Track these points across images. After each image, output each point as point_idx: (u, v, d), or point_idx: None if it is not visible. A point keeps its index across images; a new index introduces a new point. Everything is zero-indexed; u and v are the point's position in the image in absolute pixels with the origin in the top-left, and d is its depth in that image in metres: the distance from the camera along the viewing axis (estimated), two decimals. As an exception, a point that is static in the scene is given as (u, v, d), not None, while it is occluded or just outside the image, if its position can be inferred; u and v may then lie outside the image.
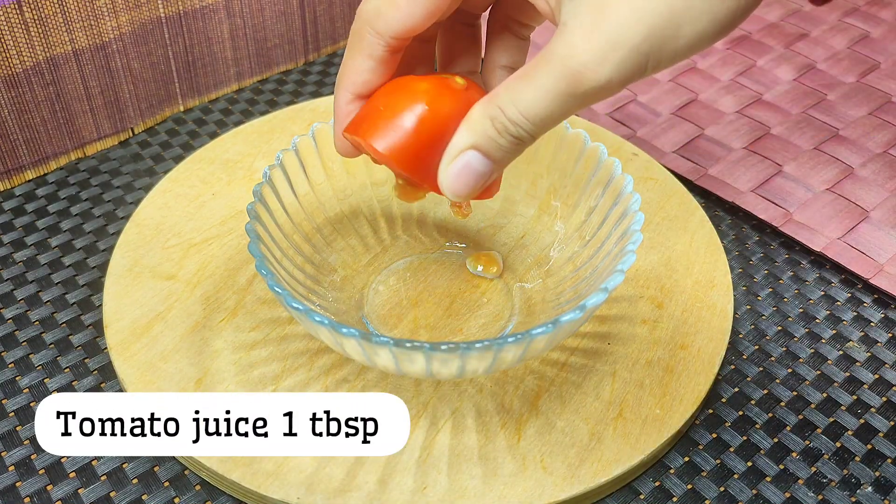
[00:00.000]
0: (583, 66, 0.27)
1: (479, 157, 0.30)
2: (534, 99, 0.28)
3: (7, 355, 0.40)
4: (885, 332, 0.41)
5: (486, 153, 0.30)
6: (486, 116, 0.29)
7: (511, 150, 0.30)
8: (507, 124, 0.29)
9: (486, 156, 0.30)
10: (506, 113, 0.29)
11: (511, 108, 0.29)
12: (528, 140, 0.30)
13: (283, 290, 0.31)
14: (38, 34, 0.45)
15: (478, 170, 0.30)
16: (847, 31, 0.61)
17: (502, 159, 0.30)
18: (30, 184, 0.49)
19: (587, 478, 0.33)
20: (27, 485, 0.35)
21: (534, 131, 0.29)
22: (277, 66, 0.58)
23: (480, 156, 0.30)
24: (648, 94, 0.55)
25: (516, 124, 0.29)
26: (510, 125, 0.29)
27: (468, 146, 0.30)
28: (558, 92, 0.28)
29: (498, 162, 0.30)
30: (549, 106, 0.28)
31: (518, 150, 0.30)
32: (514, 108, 0.28)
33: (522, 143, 0.30)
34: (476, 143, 0.30)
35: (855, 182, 0.48)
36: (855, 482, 0.35)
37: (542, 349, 0.33)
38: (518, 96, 0.28)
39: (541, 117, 0.28)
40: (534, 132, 0.29)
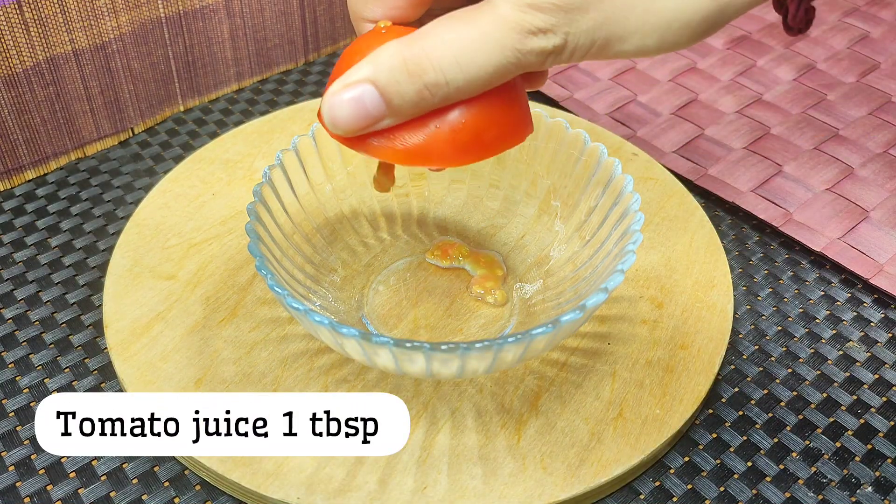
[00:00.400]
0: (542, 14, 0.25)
1: (375, 95, 0.26)
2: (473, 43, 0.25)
3: (7, 355, 0.40)
4: (885, 332, 0.41)
5: (384, 94, 0.26)
6: (401, 56, 0.26)
7: (418, 102, 0.26)
8: (428, 70, 0.25)
9: (385, 98, 0.26)
10: (430, 55, 0.25)
11: (442, 52, 0.25)
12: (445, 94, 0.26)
13: (283, 290, 0.31)
14: (38, 34, 0.45)
15: (369, 109, 0.27)
16: (847, 31, 0.61)
17: (401, 108, 0.26)
18: (30, 184, 0.49)
19: (587, 478, 0.33)
20: (27, 485, 0.35)
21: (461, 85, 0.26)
22: (277, 66, 0.58)
23: (377, 95, 0.26)
24: (648, 94, 0.55)
25: (441, 71, 0.25)
26: (430, 71, 0.25)
27: (366, 79, 0.26)
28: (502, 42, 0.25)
29: (396, 110, 0.26)
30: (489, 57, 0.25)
31: (426, 104, 0.26)
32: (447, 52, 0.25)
33: (435, 96, 0.26)
34: (377, 79, 0.26)
35: (855, 182, 0.48)
36: (855, 482, 0.35)
37: (542, 349, 0.33)
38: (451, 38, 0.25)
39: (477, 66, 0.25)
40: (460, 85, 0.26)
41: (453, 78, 0.26)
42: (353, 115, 0.27)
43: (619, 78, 0.57)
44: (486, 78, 0.26)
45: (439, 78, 0.26)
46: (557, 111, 0.52)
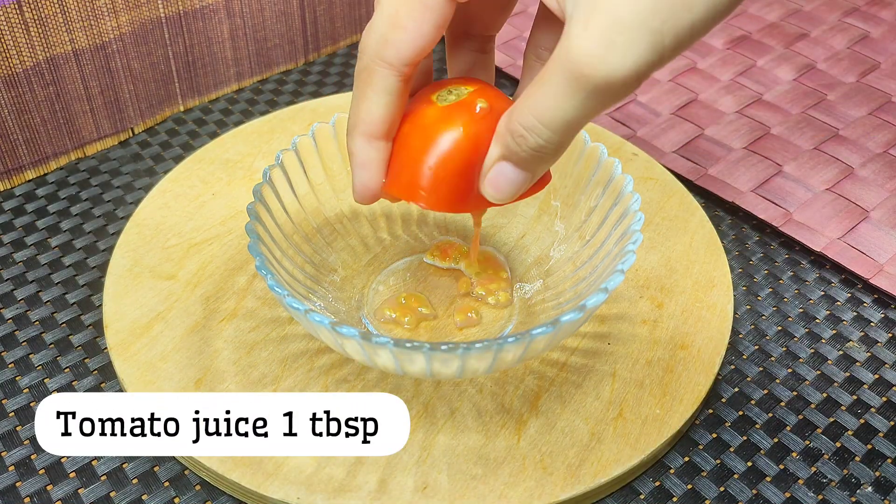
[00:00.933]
0: (585, 57, 0.25)
1: (509, 167, 0.30)
2: (545, 103, 0.27)
3: (7, 355, 0.40)
4: (885, 332, 0.41)
5: (515, 164, 0.30)
6: (507, 129, 0.29)
7: (536, 159, 0.29)
8: (526, 135, 0.28)
9: (517, 166, 0.30)
10: (522, 123, 0.28)
11: (527, 117, 0.28)
12: (549, 148, 0.29)
13: (282, 290, 0.31)
14: (38, 34, 0.45)
15: (511, 178, 0.30)
16: (847, 31, 0.61)
17: (532, 168, 0.30)
18: (30, 184, 0.49)
19: (587, 478, 0.33)
20: (27, 485, 0.35)
21: (552, 138, 0.28)
22: (277, 66, 0.58)
23: (511, 166, 0.30)
24: (648, 94, 0.55)
25: (533, 133, 0.28)
26: (528, 136, 0.28)
27: (497, 159, 0.30)
28: (568, 93, 0.26)
29: (529, 170, 0.30)
30: (562, 109, 0.27)
31: (544, 157, 0.29)
32: (529, 117, 0.28)
33: (543, 150, 0.29)
34: (503, 155, 0.30)
35: (855, 182, 0.48)
36: (855, 482, 0.35)
37: (542, 349, 0.33)
38: (531, 103, 0.28)
39: (557, 122, 0.27)
40: (552, 139, 0.28)
41: (548, 138, 0.28)
42: (506, 188, 0.31)
43: (619, 78, 0.57)
44: (576, 124, 0.28)
45: (539, 141, 0.28)
46: (557, 111, 0.52)
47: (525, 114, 0.28)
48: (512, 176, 0.30)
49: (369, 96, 0.31)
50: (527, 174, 0.30)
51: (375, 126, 0.31)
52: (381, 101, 0.31)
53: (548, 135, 0.28)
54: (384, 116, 0.31)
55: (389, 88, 0.30)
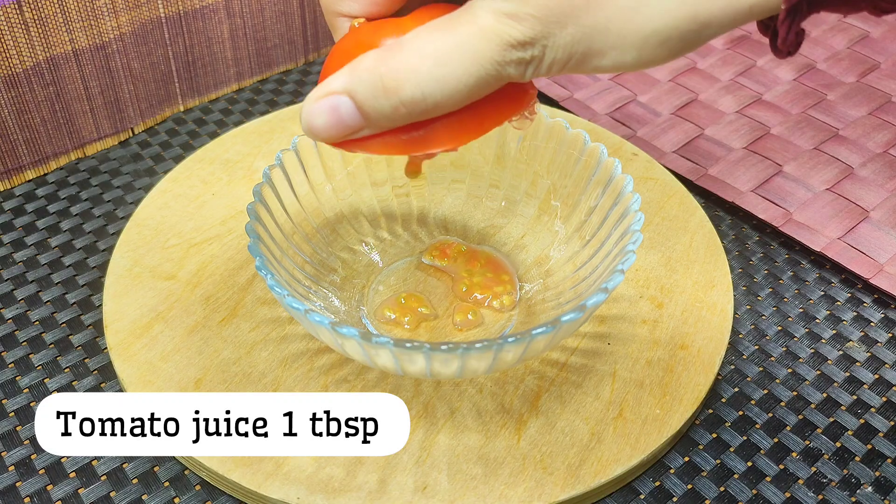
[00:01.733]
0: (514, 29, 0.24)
1: (351, 106, 0.26)
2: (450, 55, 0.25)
3: (7, 355, 0.40)
4: (885, 332, 0.41)
5: (360, 107, 0.26)
6: (378, 71, 0.25)
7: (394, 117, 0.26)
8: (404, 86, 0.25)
9: (361, 110, 0.26)
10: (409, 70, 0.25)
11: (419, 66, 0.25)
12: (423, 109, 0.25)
13: (282, 290, 0.31)
14: (38, 34, 0.45)
15: (344, 120, 0.27)
16: (847, 31, 0.61)
17: (379, 122, 0.26)
18: (30, 184, 0.49)
19: (587, 478, 0.33)
20: (27, 485, 0.35)
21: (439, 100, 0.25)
22: (277, 66, 0.58)
23: (353, 107, 0.26)
24: (648, 94, 0.55)
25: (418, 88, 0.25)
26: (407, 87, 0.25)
27: (343, 90, 0.26)
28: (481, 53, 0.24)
29: (372, 123, 0.26)
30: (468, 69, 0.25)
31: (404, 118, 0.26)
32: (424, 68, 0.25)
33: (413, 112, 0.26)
34: (354, 92, 0.26)
35: (855, 182, 0.48)
36: (855, 482, 0.35)
37: (542, 349, 0.33)
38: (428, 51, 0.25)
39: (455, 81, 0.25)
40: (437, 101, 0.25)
41: (431, 94, 0.25)
42: (330, 124, 0.27)
43: (619, 78, 0.57)
44: (466, 92, 0.26)
45: (416, 94, 0.25)
46: (557, 111, 0.52)
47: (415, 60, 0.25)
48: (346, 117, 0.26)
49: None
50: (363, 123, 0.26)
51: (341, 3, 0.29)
52: None
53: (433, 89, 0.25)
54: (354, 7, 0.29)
55: None
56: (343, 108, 0.26)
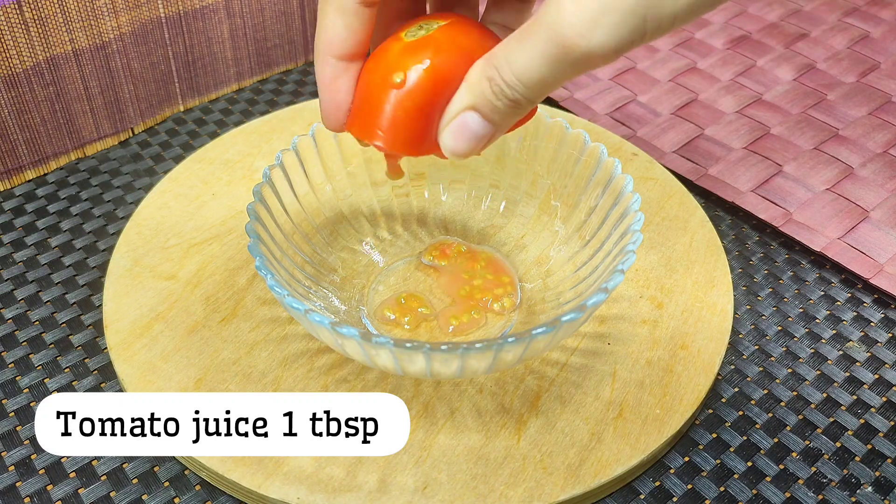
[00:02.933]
0: (572, 30, 0.26)
1: (477, 117, 0.29)
2: (527, 62, 0.27)
3: (7, 355, 0.40)
4: (885, 332, 0.41)
5: (484, 115, 0.29)
6: (484, 77, 0.29)
7: (509, 113, 0.29)
8: (503, 86, 0.28)
9: (485, 117, 0.29)
10: (502, 75, 0.28)
11: (507, 69, 0.28)
12: (526, 104, 0.29)
13: (282, 290, 0.31)
14: (38, 34, 0.45)
15: (475, 131, 0.30)
16: (847, 31, 0.61)
17: (501, 122, 0.30)
18: (30, 184, 0.49)
19: (587, 478, 0.33)
20: (27, 485, 0.35)
21: (529, 95, 0.28)
22: (277, 66, 0.58)
23: (479, 117, 0.29)
24: (648, 94, 0.55)
25: (512, 87, 0.28)
26: (506, 87, 0.28)
27: (466, 107, 0.29)
28: (549, 57, 0.27)
29: (496, 124, 0.30)
30: (541, 70, 0.27)
31: (516, 113, 0.29)
32: (509, 70, 0.28)
33: (519, 106, 0.29)
34: (474, 103, 0.29)
35: (855, 182, 0.48)
36: (855, 482, 0.35)
37: (542, 349, 0.33)
38: (512, 57, 0.28)
39: (535, 81, 0.28)
40: (529, 96, 0.28)
41: (523, 93, 0.28)
42: (468, 139, 0.30)
43: (619, 78, 0.57)
44: (551, 86, 0.28)
45: (517, 96, 0.28)
46: (557, 111, 0.52)
47: (504, 67, 0.28)
48: (476, 128, 0.30)
49: (328, 13, 0.31)
50: (492, 128, 0.30)
51: (335, 45, 0.31)
52: (339, 21, 0.31)
53: (523, 90, 0.28)
54: (344, 36, 0.31)
55: (346, 8, 0.31)
56: (472, 121, 0.30)
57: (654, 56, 0.59)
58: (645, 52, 0.59)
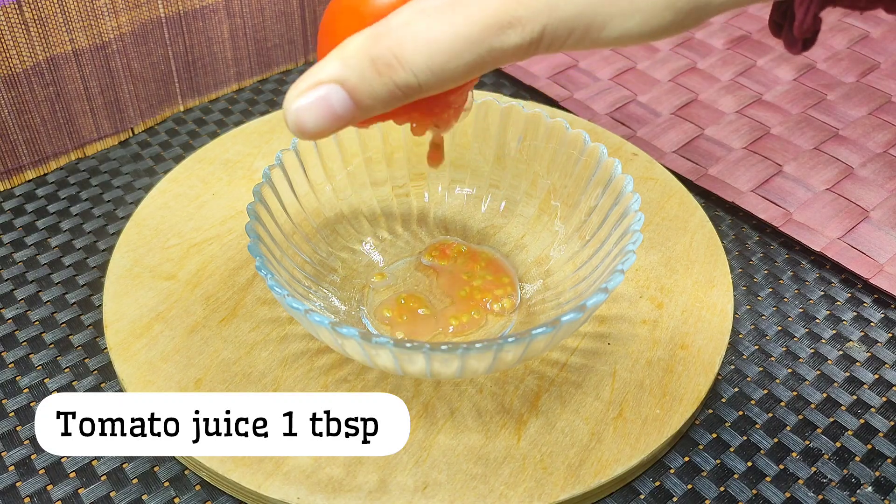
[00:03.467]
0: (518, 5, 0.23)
1: (343, 95, 0.25)
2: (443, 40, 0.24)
3: (7, 355, 0.40)
4: (885, 332, 0.41)
5: (353, 94, 0.25)
6: (368, 55, 0.24)
7: (389, 100, 0.25)
8: (398, 69, 0.24)
9: (353, 98, 0.25)
10: (400, 55, 0.24)
11: (409, 48, 0.24)
12: (416, 93, 0.24)
13: (282, 290, 0.31)
14: (38, 34, 0.45)
15: (336, 111, 0.25)
16: (847, 31, 0.61)
17: (372, 107, 0.25)
18: (30, 184, 0.49)
19: (587, 478, 0.33)
20: (27, 485, 0.35)
21: (431, 85, 0.24)
22: (277, 66, 0.58)
23: (346, 95, 0.25)
24: (648, 94, 0.55)
25: (412, 71, 0.24)
26: (400, 71, 0.24)
27: (332, 79, 0.25)
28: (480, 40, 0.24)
29: (365, 109, 0.25)
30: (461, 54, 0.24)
31: (398, 101, 0.25)
32: (413, 50, 0.24)
33: (407, 95, 0.25)
34: (344, 79, 0.25)
35: (855, 182, 0.48)
36: (855, 482, 0.35)
37: (542, 349, 0.33)
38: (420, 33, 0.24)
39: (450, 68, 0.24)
40: (430, 86, 0.24)
41: (425, 80, 0.24)
42: (322, 117, 0.25)
43: (619, 78, 0.57)
44: (459, 76, 0.25)
45: (410, 79, 0.24)
46: (557, 111, 0.52)
47: (405, 43, 0.24)
48: (339, 107, 0.25)
49: None
50: (358, 113, 0.25)
51: None
52: None
53: (427, 76, 0.24)
54: None
55: None
56: (334, 97, 0.25)
57: (654, 56, 0.59)
58: (645, 52, 0.59)
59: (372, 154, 0.42)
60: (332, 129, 0.25)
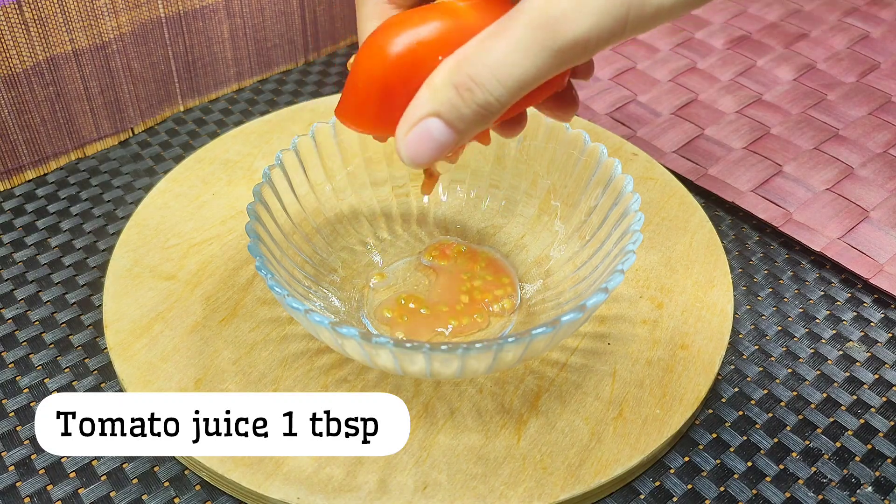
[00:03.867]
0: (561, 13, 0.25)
1: (440, 125, 0.27)
2: (507, 56, 0.26)
3: (7, 355, 0.40)
4: (885, 332, 0.41)
5: (448, 123, 0.27)
6: (451, 84, 0.27)
7: (477, 121, 0.27)
8: (475, 89, 0.26)
9: (449, 125, 0.27)
10: (473, 76, 0.26)
11: (480, 71, 0.26)
12: (497, 108, 0.27)
13: (282, 290, 0.31)
14: (38, 34, 0.45)
15: (439, 139, 0.28)
16: (847, 31, 0.61)
17: (466, 130, 0.28)
18: (30, 184, 0.49)
19: (587, 478, 0.33)
20: (27, 485, 0.35)
21: (505, 97, 0.27)
22: (277, 66, 0.58)
23: (443, 125, 0.27)
24: (648, 94, 0.55)
25: (485, 88, 0.26)
26: (478, 92, 0.26)
27: (429, 114, 0.28)
28: (534, 45, 0.25)
29: (461, 132, 0.28)
30: (523, 63, 0.26)
31: (485, 120, 0.27)
32: (484, 70, 0.26)
33: (490, 110, 0.27)
34: (438, 111, 0.27)
35: (855, 182, 0.48)
36: (855, 482, 0.35)
37: (542, 349, 0.33)
38: (490, 56, 0.26)
39: (515, 78, 0.26)
40: (504, 98, 0.27)
41: (500, 94, 0.27)
42: (430, 148, 0.28)
43: (619, 78, 0.57)
44: (529, 83, 0.27)
45: (488, 97, 0.27)
46: (557, 111, 0.52)
47: (477, 67, 0.26)
48: (439, 136, 0.28)
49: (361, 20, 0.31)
50: (457, 137, 0.28)
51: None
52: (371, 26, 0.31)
53: (500, 92, 0.26)
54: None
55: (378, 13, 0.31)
56: (434, 129, 0.28)
57: (654, 56, 0.59)
58: (645, 52, 0.59)
59: (372, 154, 0.42)
60: (440, 155, 0.28)
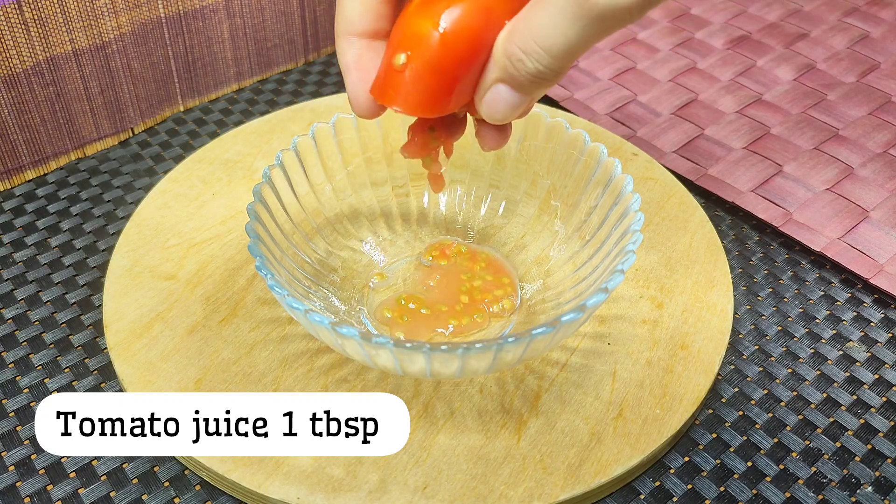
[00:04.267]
0: None
1: (507, 89, 0.30)
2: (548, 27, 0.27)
3: (7, 355, 0.40)
4: (885, 332, 0.41)
5: (513, 87, 0.30)
6: (505, 55, 0.29)
7: (535, 83, 0.29)
8: (525, 59, 0.28)
9: (515, 89, 0.30)
10: (521, 47, 0.28)
11: (527, 41, 0.28)
12: (550, 75, 0.29)
13: (282, 290, 0.31)
14: (38, 34, 0.45)
15: (509, 100, 0.30)
16: (847, 31, 0.61)
17: (529, 91, 0.30)
18: (30, 184, 0.49)
19: (587, 478, 0.33)
20: (27, 485, 0.35)
21: (551, 64, 0.28)
22: (277, 66, 0.58)
23: (509, 88, 0.30)
24: (648, 94, 0.55)
25: (532, 58, 0.28)
26: (527, 60, 0.28)
27: (495, 81, 0.30)
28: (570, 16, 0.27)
29: (527, 93, 0.30)
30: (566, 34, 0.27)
31: (544, 84, 0.30)
32: (530, 42, 0.28)
33: (545, 78, 0.29)
34: (501, 78, 0.30)
35: (855, 182, 0.48)
36: (855, 482, 0.35)
37: (543, 349, 0.33)
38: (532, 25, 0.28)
39: (559, 47, 0.27)
40: (551, 65, 0.28)
41: (547, 63, 0.28)
42: (503, 108, 0.31)
43: (619, 78, 0.57)
44: (577, 51, 0.28)
45: (537, 66, 0.28)
46: (557, 111, 0.52)
47: (525, 37, 0.28)
48: (509, 98, 0.30)
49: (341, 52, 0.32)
50: (524, 97, 0.30)
51: (352, 24, 0.32)
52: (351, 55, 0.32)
53: (547, 60, 0.28)
54: (360, 12, 0.31)
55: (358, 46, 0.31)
56: (503, 92, 0.30)
57: (654, 56, 0.59)
58: (645, 52, 0.59)
59: (372, 154, 0.42)
60: (516, 114, 0.31)
